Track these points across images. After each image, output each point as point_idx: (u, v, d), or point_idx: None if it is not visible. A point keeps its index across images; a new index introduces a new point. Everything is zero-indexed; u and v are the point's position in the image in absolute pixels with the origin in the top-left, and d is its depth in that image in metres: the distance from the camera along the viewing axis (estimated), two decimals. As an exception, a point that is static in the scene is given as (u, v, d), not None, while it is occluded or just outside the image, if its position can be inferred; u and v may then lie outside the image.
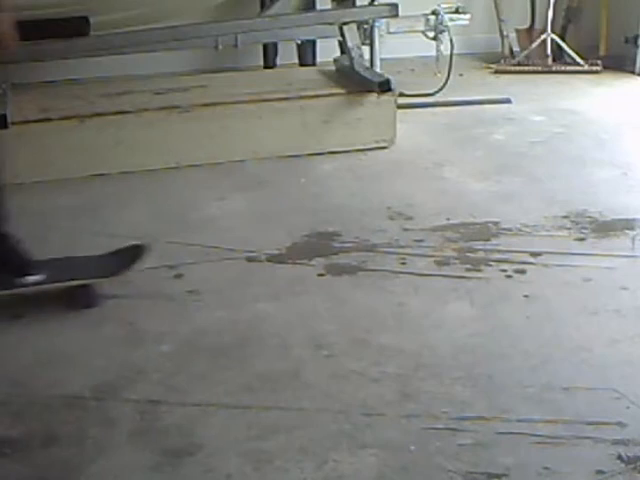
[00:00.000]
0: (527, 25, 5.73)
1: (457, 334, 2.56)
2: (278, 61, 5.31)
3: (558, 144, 4.21)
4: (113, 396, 2.28)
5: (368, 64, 4.53)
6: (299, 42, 4.93)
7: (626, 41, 5.50)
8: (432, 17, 4.78)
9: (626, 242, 3.14)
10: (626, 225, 3.25)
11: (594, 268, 2.93)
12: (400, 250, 3.09)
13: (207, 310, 2.72)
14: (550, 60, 5.52)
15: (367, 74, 4.28)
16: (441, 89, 4.83)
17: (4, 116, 3.63)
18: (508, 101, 4.88)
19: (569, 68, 5.49)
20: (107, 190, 3.69)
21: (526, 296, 2.77)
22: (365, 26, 4.50)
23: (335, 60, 4.68)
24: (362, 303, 2.76)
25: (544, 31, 5.49)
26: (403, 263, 3.00)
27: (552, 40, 5.50)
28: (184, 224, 3.34)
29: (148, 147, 3.88)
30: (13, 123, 3.65)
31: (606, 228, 3.23)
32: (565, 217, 3.33)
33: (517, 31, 5.76)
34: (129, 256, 2.86)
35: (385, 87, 4.08)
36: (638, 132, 4.41)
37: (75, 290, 2.77)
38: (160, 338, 2.55)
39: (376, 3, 4.68)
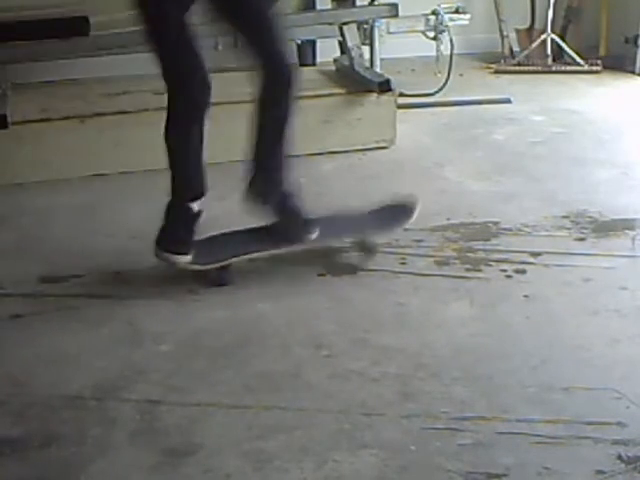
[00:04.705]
0: (527, 25, 5.72)
1: (457, 334, 2.56)
2: (278, 61, 5.30)
3: (558, 144, 4.21)
4: (113, 396, 2.28)
5: (368, 64, 4.53)
6: (299, 42, 4.93)
7: (626, 41, 5.49)
8: (432, 17, 4.79)
9: (626, 242, 3.14)
10: (626, 225, 3.25)
11: (594, 268, 2.93)
12: (400, 250, 3.09)
13: (207, 310, 2.72)
14: (550, 60, 5.52)
15: (367, 74, 4.27)
16: (441, 89, 4.82)
17: (4, 116, 3.63)
18: (508, 101, 4.88)
19: (569, 68, 5.49)
20: (107, 190, 3.69)
21: (526, 296, 2.77)
22: (365, 26, 4.51)
23: (335, 60, 4.68)
24: (362, 303, 2.76)
25: (544, 31, 5.49)
26: (403, 263, 3.00)
27: (552, 40, 5.49)
28: (184, 224, 3.33)
29: (148, 147, 3.85)
30: (13, 123, 3.65)
31: (606, 228, 3.23)
32: (565, 217, 3.33)
33: (517, 31, 5.76)
34: (401, 212, 3.00)
35: (385, 87, 4.08)
36: (638, 132, 4.41)
37: None
38: (160, 338, 2.55)
39: (376, 3, 4.68)
